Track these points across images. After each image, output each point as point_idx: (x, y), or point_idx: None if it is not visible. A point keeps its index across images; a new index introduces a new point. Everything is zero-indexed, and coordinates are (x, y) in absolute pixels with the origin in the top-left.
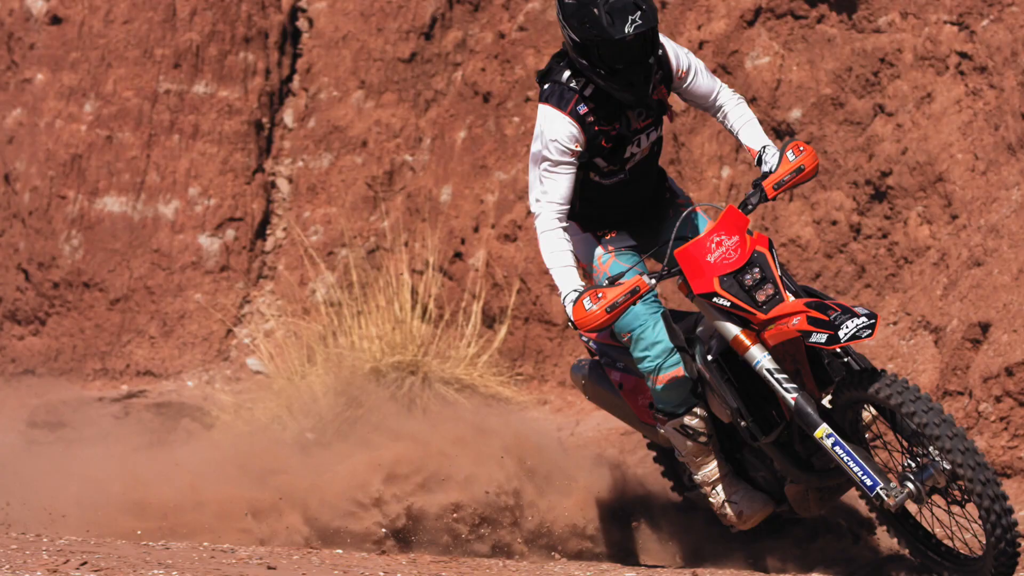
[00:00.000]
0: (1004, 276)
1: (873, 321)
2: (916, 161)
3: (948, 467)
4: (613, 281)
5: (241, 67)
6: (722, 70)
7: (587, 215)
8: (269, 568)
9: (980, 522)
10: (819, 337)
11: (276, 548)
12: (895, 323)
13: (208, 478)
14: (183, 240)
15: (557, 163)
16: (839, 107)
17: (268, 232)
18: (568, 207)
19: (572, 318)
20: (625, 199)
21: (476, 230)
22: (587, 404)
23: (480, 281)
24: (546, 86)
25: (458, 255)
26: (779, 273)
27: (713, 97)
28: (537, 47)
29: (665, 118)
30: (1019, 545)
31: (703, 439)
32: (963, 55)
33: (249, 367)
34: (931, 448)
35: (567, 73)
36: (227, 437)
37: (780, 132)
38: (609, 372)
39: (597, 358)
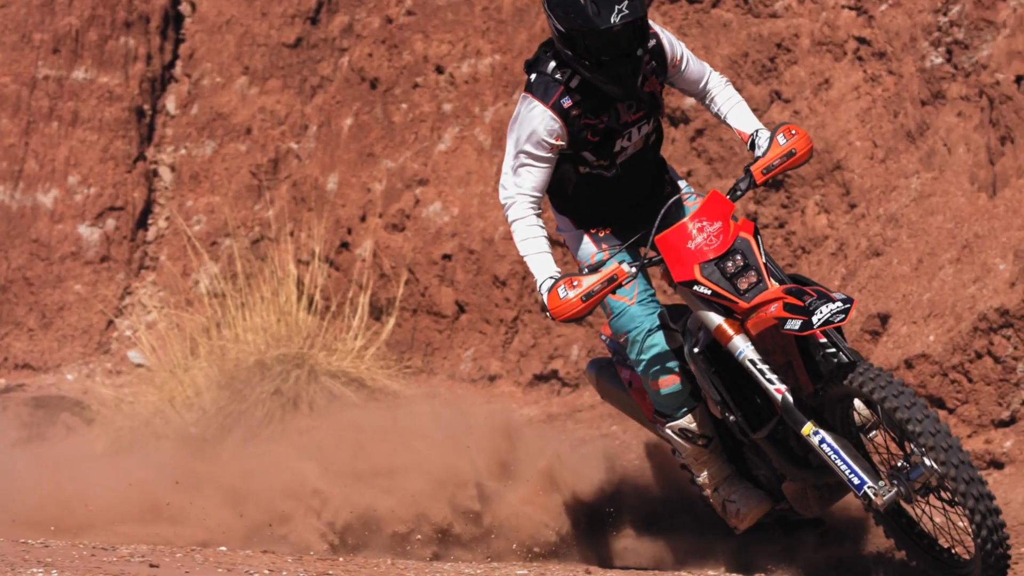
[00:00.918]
0: (903, 266)
1: (848, 306)
2: (814, 149)
3: (930, 465)
4: (594, 269)
5: (122, 52)
6: None
7: (580, 211)
8: (151, 566)
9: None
10: (793, 324)
11: (159, 546)
12: None
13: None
14: (62, 230)
15: (535, 157)
16: None
17: (150, 222)
18: (541, 196)
19: (547, 307)
20: (619, 194)
21: (363, 219)
22: (477, 398)
23: (367, 272)
24: (532, 76)
25: (345, 245)
26: (763, 260)
27: (703, 83)
28: (425, 32)
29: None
30: (1008, 548)
31: (702, 442)
32: (861, 40)
33: (130, 360)
34: (916, 445)
35: (553, 64)
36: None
37: (674, 119)
38: (620, 371)
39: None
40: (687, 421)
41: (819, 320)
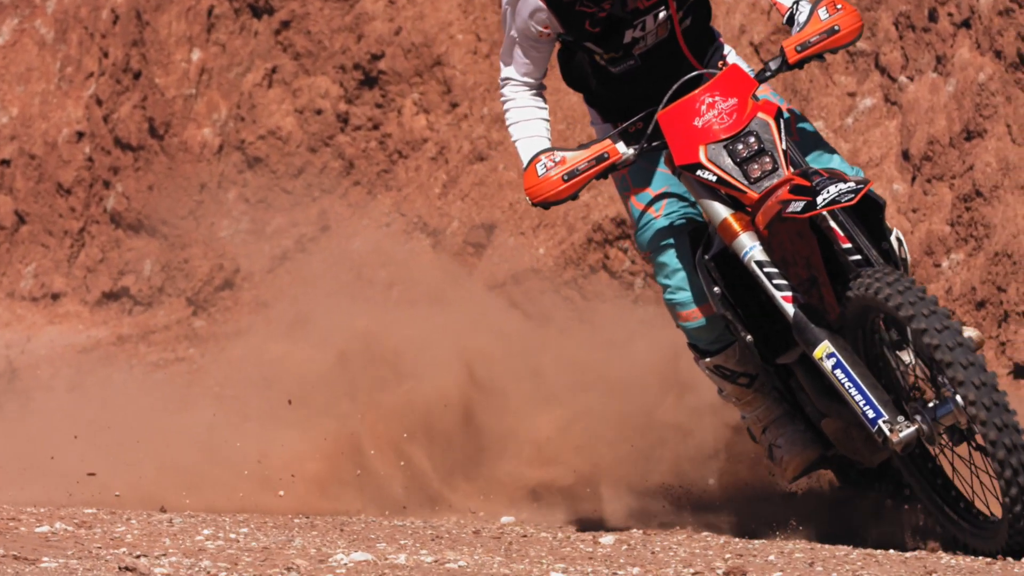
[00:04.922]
0: (510, 172)
1: (861, 187)
2: (411, 43)
3: (960, 402)
4: (585, 147)
5: None
6: None
7: (605, 104)
8: None
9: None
10: (796, 205)
11: None
12: (388, 225)
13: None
14: None
15: (523, 44)
16: None
17: None
18: (537, 81)
19: (524, 187)
20: (648, 88)
21: None
22: (39, 319)
23: None
24: None
25: None
26: (782, 146)
27: None
28: None
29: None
30: None
31: (743, 380)
32: None
33: None
34: (943, 377)
35: None
36: None
37: (257, 10)
38: None
39: None
40: (722, 358)
41: (824, 200)
